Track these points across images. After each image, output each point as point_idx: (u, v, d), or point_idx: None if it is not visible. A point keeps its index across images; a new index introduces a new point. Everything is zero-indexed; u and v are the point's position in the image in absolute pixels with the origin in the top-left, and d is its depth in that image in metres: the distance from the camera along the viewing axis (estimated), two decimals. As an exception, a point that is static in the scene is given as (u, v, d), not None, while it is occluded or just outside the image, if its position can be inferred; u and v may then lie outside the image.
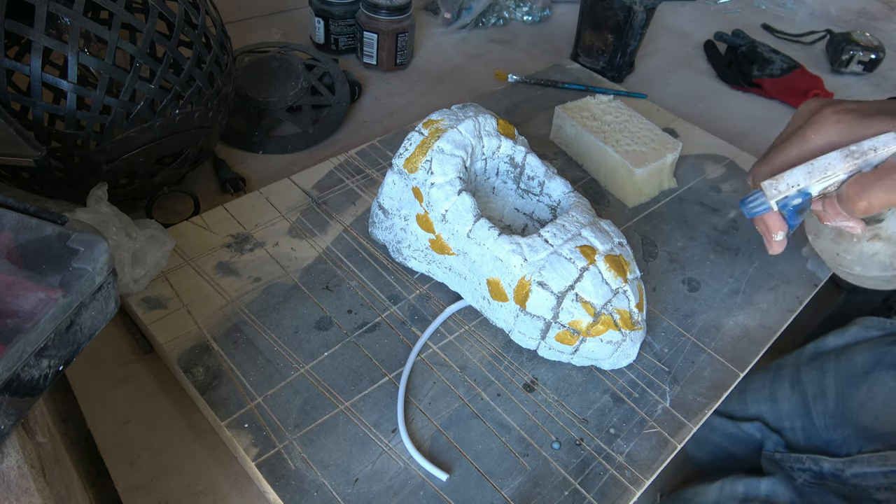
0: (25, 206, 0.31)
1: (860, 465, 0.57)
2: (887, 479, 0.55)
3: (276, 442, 0.41)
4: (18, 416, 0.27)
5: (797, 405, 0.66)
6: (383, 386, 0.45)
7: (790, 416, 0.67)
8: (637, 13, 0.82)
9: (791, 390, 0.68)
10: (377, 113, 0.77)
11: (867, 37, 1.01)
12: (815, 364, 0.67)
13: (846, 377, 0.63)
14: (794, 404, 0.67)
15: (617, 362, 0.48)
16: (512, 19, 1.03)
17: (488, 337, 0.50)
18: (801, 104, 0.47)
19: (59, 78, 0.45)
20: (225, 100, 0.56)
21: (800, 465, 0.62)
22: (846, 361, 0.64)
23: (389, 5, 0.78)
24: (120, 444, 0.42)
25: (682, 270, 0.58)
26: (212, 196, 0.62)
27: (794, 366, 0.69)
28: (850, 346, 0.66)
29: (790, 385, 0.68)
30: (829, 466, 0.59)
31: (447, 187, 0.47)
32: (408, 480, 0.40)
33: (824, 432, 0.62)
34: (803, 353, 0.70)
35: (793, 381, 0.68)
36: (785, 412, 0.68)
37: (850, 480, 0.58)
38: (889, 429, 0.57)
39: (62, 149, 0.47)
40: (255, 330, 0.47)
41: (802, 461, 0.62)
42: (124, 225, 0.48)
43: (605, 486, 0.42)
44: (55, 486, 0.29)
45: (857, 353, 0.63)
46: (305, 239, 0.55)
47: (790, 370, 0.69)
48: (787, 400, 0.68)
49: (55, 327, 0.28)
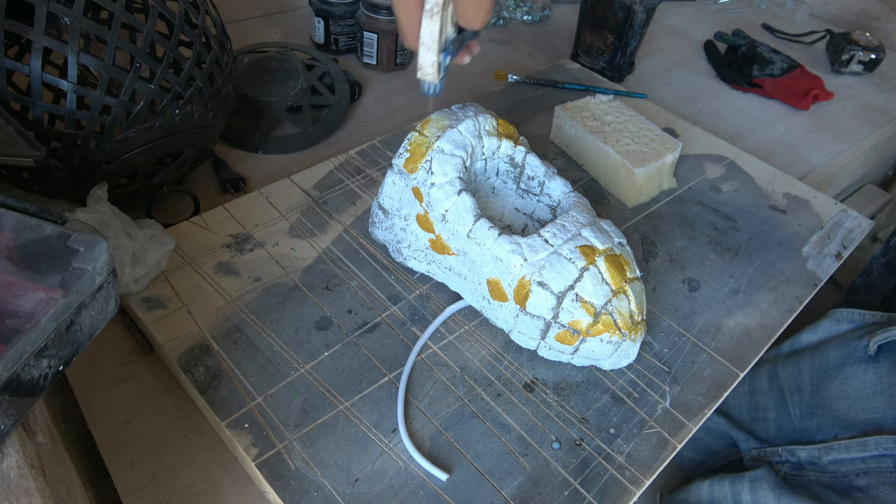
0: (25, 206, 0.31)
1: (838, 451, 0.58)
2: (866, 464, 0.56)
3: (276, 442, 0.41)
4: (18, 416, 0.27)
5: (774, 399, 0.68)
6: (383, 386, 0.45)
7: (765, 408, 0.68)
8: (637, 13, 0.82)
9: (769, 386, 0.69)
10: (377, 113, 0.77)
11: (867, 37, 1.01)
12: (791, 361, 0.68)
13: (820, 372, 0.64)
14: (770, 398, 0.68)
15: (617, 362, 0.48)
16: (512, 19, 1.03)
17: (488, 337, 0.50)
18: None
19: (59, 78, 0.45)
20: (225, 100, 0.56)
21: (777, 458, 0.63)
22: (820, 358, 0.65)
23: (389, 5, 0.78)
24: (120, 444, 0.42)
25: (682, 270, 0.58)
26: (212, 196, 0.62)
27: (772, 362, 0.71)
28: (823, 342, 0.67)
29: (768, 381, 0.69)
30: (806, 455, 0.60)
31: (447, 187, 0.47)
32: (408, 480, 0.40)
33: (799, 421, 0.64)
34: (780, 350, 0.72)
35: (770, 376, 0.69)
36: (761, 405, 0.69)
37: (828, 468, 0.58)
38: (862, 417, 0.59)
39: (62, 149, 0.47)
40: (256, 330, 0.47)
41: (779, 454, 0.63)
42: (124, 225, 0.48)
43: (605, 486, 0.42)
44: (55, 486, 0.29)
45: (830, 349, 0.65)
46: (305, 239, 0.55)
47: (768, 366, 0.70)
48: (764, 395, 0.69)
49: (55, 327, 0.28)
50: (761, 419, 0.68)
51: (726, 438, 0.73)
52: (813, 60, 1.02)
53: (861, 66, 1.00)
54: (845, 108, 0.93)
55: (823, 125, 0.89)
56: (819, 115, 0.91)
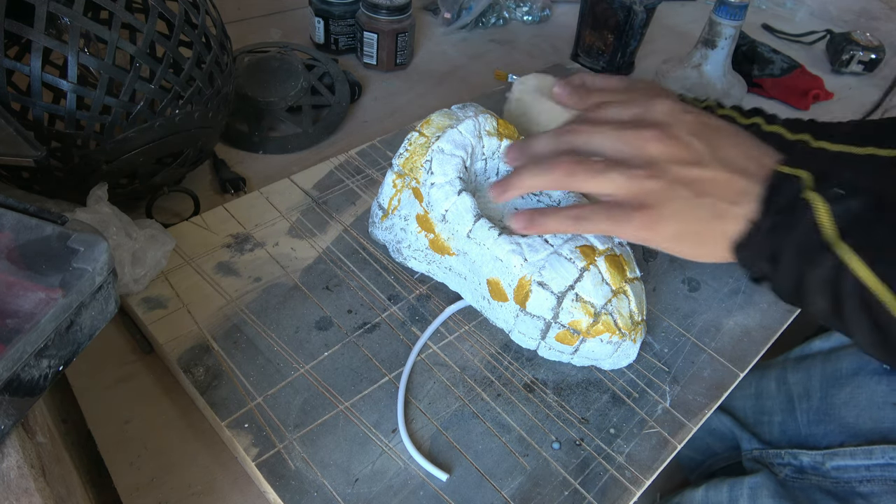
0: (25, 206, 0.31)
1: (842, 457, 0.58)
2: (870, 472, 0.56)
3: (276, 442, 0.41)
4: (18, 416, 0.27)
5: (781, 403, 0.67)
6: (383, 386, 0.45)
7: (771, 411, 0.68)
8: (637, 13, 0.82)
9: (777, 390, 0.68)
10: (377, 113, 0.77)
11: (867, 37, 1.01)
12: (802, 366, 0.68)
13: (831, 379, 0.63)
14: (778, 402, 0.68)
15: (617, 362, 0.48)
16: (512, 19, 1.03)
17: (488, 337, 0.50)
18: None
19: (59, 78, 0.45)
20: (225, 100, 0.56)
21: (779, 461, 0.63)
22: (832, 365, 0.64)
23: (389, 5, 0.78)
24: (120, 444, 0.42)
25: (682, 270, 0.58)
26: (212, 196, 0.62)
27: (781, 367, 0.70)
28: (835, 349, 0.67)
29: (776, 385, 0.69)
30: (809, 460, 0.60)
31: (447, 187, 0.47)
32: (408, 480, 0.40)
33: (805, 427, 0.63)
34: (789, 355, 0.71)
35: (779, 381, 0.69)
36: (767, 408, 0.68)
37: (830, 473, 0.58)
38: (871, 425, 0.58)
39: (62, 149, 0.47)
40: (256, 330, 0.47)
41: (781, 456, 0.63)
42: (124, 225, 0.48)
43: (605, 486, 0.42)
44: (55, 486, 0.29)
45: (843, 357, 0.64)
46: (305, 239, 0.55)
47: (776, 370, 0.70)
48: (771, 398, 0.68)
49: (55, 327, 0.28)
50: (766, 422, 0.68)
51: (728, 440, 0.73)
52: (813, 60, 1.02)
53: (861, 66, 1.00)
54: (845, 108, 0.93)
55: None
56: (819, 114, 0.90)
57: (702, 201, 0.36)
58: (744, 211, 0.36)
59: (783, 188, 0.35)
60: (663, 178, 0.36)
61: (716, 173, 0.36)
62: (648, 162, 0.37)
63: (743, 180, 0.36)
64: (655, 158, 0.37)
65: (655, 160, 0.37)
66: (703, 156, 0.37)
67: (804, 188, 0.35)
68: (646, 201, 0.36)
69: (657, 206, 0.36)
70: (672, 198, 0.36)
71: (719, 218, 0.36)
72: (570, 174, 0.37)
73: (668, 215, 0.36)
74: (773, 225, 0.35)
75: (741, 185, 0.36)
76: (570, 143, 0.39)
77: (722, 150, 0.37)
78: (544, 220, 0.39)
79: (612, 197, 0.38)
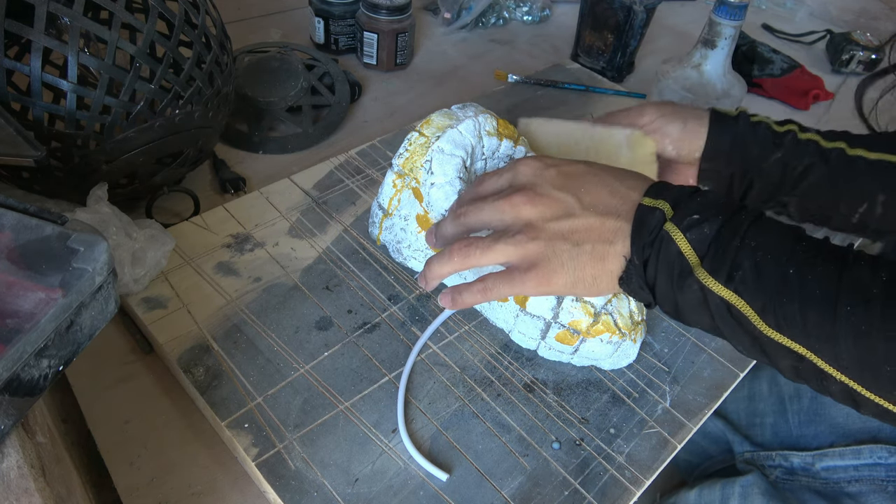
0: (25, 206, 0.31)
1: (831, 458, 0.59)
2: (858, 472, 0.57)
3: (276, 442, 0.41)
4: (18, 416, 0.27)
5: (773, 405, 0.68)
6: (383, 386, 0.45)
7: (763, 413, 0.68)
8: (637, 13, 0.82)
9: (769, 392, 0.69)
10: (377, 113, 0.77)
11: (867, 37, 1.01)
12: None
13: None
14: (769, 404, 0.68)
15: (617, 362, 0.48)
16: (512, 19, 1.03)
17: (488, 337, 0.50)
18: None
19: (59, 78, 0.45)
20: (225, 100, 0.56)
21: (770, 462, 0.64)
22: None
23: (389, 5, 0.78)
24: (120, 444, 0.42)
25: (682, 270, 0.58)
26: (212, 196, 0.62)
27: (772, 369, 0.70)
28: None
29: (768, 387, 0.70)
30: (799, 461, 0.61)
31: (447, 187, 0.47)
32: (408, 480, 0.40)
33: (797, 428, 0.64)
34: None
35: (771, 383, 0.70)
36: (759, 410, 0.69)
37: (820, 474, 0.59)
38: (859, 425, 0.59)
39: (62, 149, 0.47)
40: (256, 330, 0.47)
41: (773, 458, 0.63)
42: (124, 225, 0.48)
43: (605, 486, 0.42)
44: (55, 486, 0.29)
45: None
46: (305, 239, 0.55)
47: (768, 372, 0.70)
48: (763, 401, 0.69)
49: (55, 327, 0.28)
50: (758, 424, 0.68)
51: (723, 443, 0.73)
52: (813, 60, 1.02)
53: (861, 66, 1.00)
54: (845, 108, 0.93)
55: (823, 125, 0.88)
56: (819, 114, 0.91)
57: (582, 249, 0.38)
58: (619, 249, 0.38)
59: (647, 222, 0.37)
60: (542, 237, 0.39)
61: (587, 220, 0.38)
62: (527, 225, 0.39)
63: (612, 220, 0.38)
64: (531, 220, 0.39)
65: (532, 222, 0.39)
66: (571, 207, 0.39)
67: (666, 219, 0.37)
68: (535, 261, 0.39)
69: (545, 262, 0.39)
70: (556, 252, 0.38)
71: (602, 260, 0.38)
72: (467, 256, 0.40)
73: (557, 268, 0.38)
74: (644, 258, 0.37)
75: (612, 226, 0.38)
76: (465, 224, 0.42)
77: (588, 195, 0.39)
78: (461, 297, 0.41)
79: (507, 264, 0.40)
